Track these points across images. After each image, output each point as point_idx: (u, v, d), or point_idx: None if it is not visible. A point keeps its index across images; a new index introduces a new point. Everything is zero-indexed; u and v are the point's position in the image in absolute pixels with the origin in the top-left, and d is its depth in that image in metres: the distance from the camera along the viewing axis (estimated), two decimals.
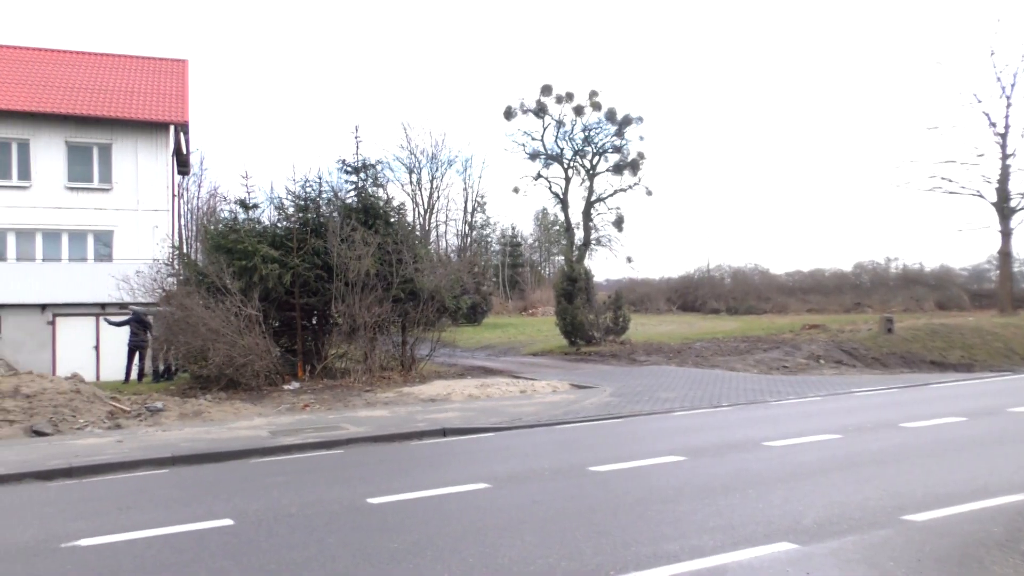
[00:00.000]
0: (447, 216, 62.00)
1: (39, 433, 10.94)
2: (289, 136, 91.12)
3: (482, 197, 62.24)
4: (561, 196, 51.22)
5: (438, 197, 59.87)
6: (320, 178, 18.37)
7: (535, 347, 27.01)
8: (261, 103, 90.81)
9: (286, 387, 15.60)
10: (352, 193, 18.44)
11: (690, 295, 50.25)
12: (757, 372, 17.85)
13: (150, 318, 18.75)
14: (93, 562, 5.24)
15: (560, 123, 49.33)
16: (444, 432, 10.58)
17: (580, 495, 6.69)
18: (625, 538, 5.29)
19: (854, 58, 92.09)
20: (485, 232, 65.46)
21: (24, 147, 24.91)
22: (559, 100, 48.56)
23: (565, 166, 50.59)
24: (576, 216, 51.38)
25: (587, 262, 45.94)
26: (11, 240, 24.78)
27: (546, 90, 48.50)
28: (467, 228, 62.08)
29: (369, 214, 17.78)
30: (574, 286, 25.20)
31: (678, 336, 27.77)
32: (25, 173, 24.87)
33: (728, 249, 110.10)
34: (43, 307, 22.91)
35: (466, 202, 61.42)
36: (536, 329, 34.06)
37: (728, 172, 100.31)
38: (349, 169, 18.36)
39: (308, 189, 17.84)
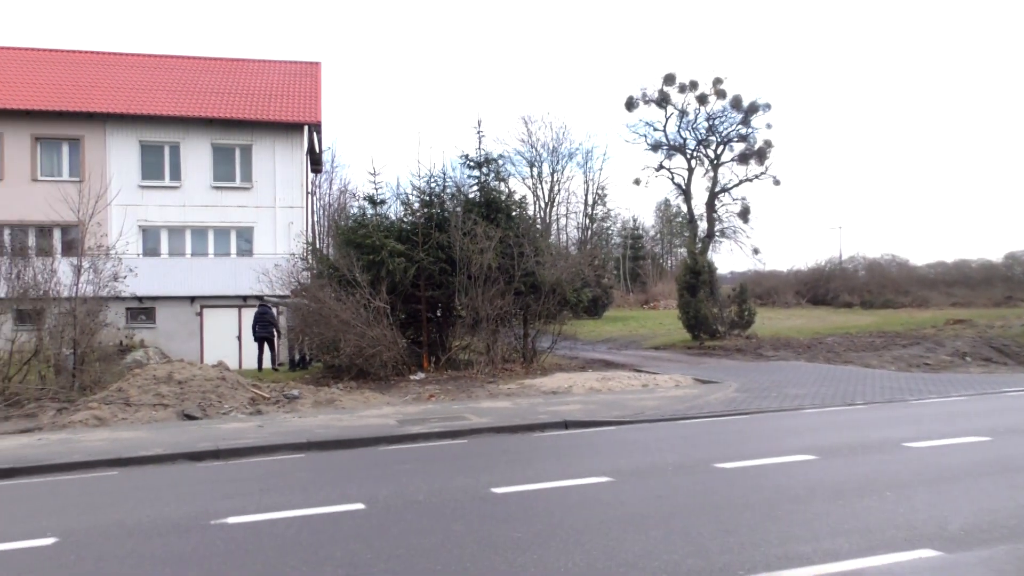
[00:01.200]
0: (567, 209, 62.01)
1: (189, 417, 11.75)
2: (414, 132, 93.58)
3: (603, 189, 61.81)
4: (684, 187, 50.21)
5: (558, 190, 59.98)
6: (444, 173, 18.83)
7: (657, 341, 26.64)
8: (387, 101, 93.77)
9: (412, 377, 16.07)
10: (475, 188, 18.78)
11: (821, 288, 48.10)
12: (895, 369, 16.92)
13: (275, 311, 19.95)
14: (240, 539, 5.59)
15: (683, 112, 48.31)
16: (566, 424, 10.62)
17: (705, 492, 6.57)
18: (753, 538, 5.15)
19: (1000, 28, 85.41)
20: (606, 225, 65.05)
21: (175, 150, 26.80)
22: (682, 89, 47.55)
23: (688, 156, 49.53)
24: (699, 207, 50.27)
25: (711, 254, 44.91)
26: (164, 237, 26.75)
27: (669, 79, 47.59)
28: (587, 221, 61.85)
29: (491, 208, 18.04)
30: (697, 279, 24.68)
31: (808, 331, 26.68)
32: (176, 174, 26.77)
33: (862, 239, 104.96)
34: (192, 299, 24.57)
35: (586, 195, 61.21)
36: (658, 323, 33.58)
37: (862, 158, 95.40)
38: (472, 164, 18.69)
39: (432, 184, 18.32)
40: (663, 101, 48.16)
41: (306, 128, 28.09)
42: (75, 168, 26.00)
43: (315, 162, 35.69)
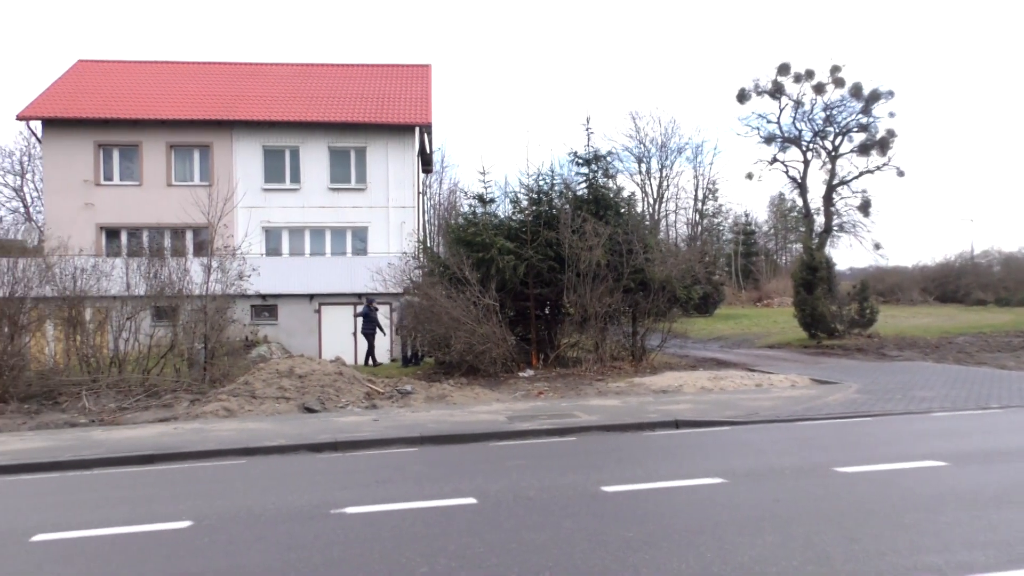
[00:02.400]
0: (677, 205, 60.96)
1: (309, 410, 12.26)
2: (523, 131, 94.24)
3: (713, 184, 60.44)
4: (799, 180, 48.34)
5: (667, 186, 59.04)
6: (552, 171, 18.87)
7: (771, 339, 25.83)
8: (496, 100, 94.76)
9: (521, 374, 16.20)
10: (583, 185, 18.75)
11: (949, 284, 45.35)
12: None
13: (375, 309, 20.72)
14: (358, 529, 5.79)
15: (798, 103, 46.49)
16: (677, 424, 10.46)
17: (825, 496, 6.33)
18: (879, 546, 4.93)
19: None
20: (716, 220, 63.51)
21: (295, 154, 28.02)
22: (797, 79, 45.76)
23: (804, 148, 47.64)
24: (816, 201, 48.27)
25: (828, 250, 42.98)
26: (285, 237, 28.01)
27: (783, 69, 45.92)
28: (697, 217, 60.62)
29: (600, 205, 17.97)
30: (814, 275, 23.76)
31: (936, 329, 25.23)
32: (296, 177, 27.98)
33: (996, 232, 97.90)
34: (311, 297, 25.57)
35: (696, 190, 59.99)
36: (771, 320, 32.55)
37: (994, 145, 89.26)
38: (580, 161, 18.67)
39: (541, 182, 18.41)
40: (777, 92, 46.50)
41: (417, 129, 28.78)
42: (205, 173, 27.57)
43: (426, 162, 36.50)
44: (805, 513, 5.81)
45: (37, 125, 27.72)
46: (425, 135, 31.34)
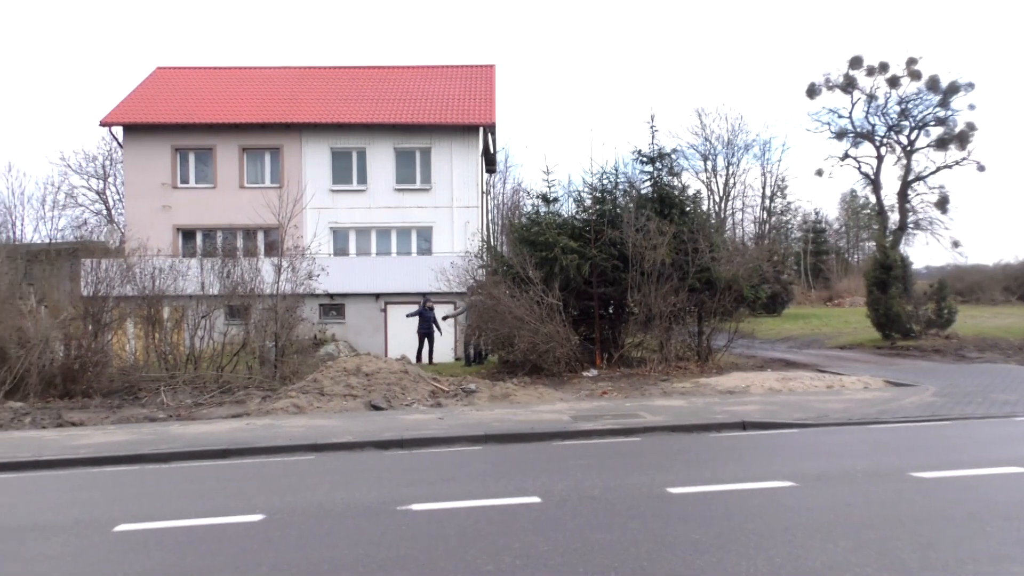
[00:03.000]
0: (743, 203, 59.80)
1: (375, 407, 12.47)
2: (586, 129, 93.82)
3: (782, 181, 59.04)
4: (872, 176, 46.92)
5: (734, 184, 57.99)
6: (616, 170, 18.81)
7: (842, 340, 25.14)
8: (560, 99, 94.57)
9: (585, 374, 16.15)
10: (647, 183, 18.59)
11: None
12: None
13: (432, 307, 20.95)
14: (423, 526, 5.87)
15: (871, 97, 45.12)
16: (744, 425, 10.28)
17: (900, 501, 6.14)
18: (958, 554, 4.76)
19: None
20: (785, 218, 62.04)
21: (362, 155, 28.54)
22: (870, 72, 44.41)
23: (877, 144, 46.23)
24: (890, 198, 46.78)
25: (903, 248, 41.66)
26: (352, 237, 28.56)
27: (855, 62, 44.63)
28: (765, 215, 59.35)
29: (664, 204, 17.78)
30: (888, 274, 23.04)
31: (1018, 330, 24.16)
32: (363, 178, 28.50)
33: None
34: (377, 296, 26.02)
35: (764, 187, 58.72)
36: (843, 321, 31.65)
37: None
38: (645, 159, 18.51)
39: (605, 181, 18.33)
40: (849, 86, 45.22)
41: (481, 130, 28.97)
42: (275, 175, 28.29)
43: (489, 162, 36.71)
44: (879, 518, 5.65)
45: (119, 131, 28.91)
46: (489, 135, 31.52)
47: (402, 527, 5.83)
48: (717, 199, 56.51)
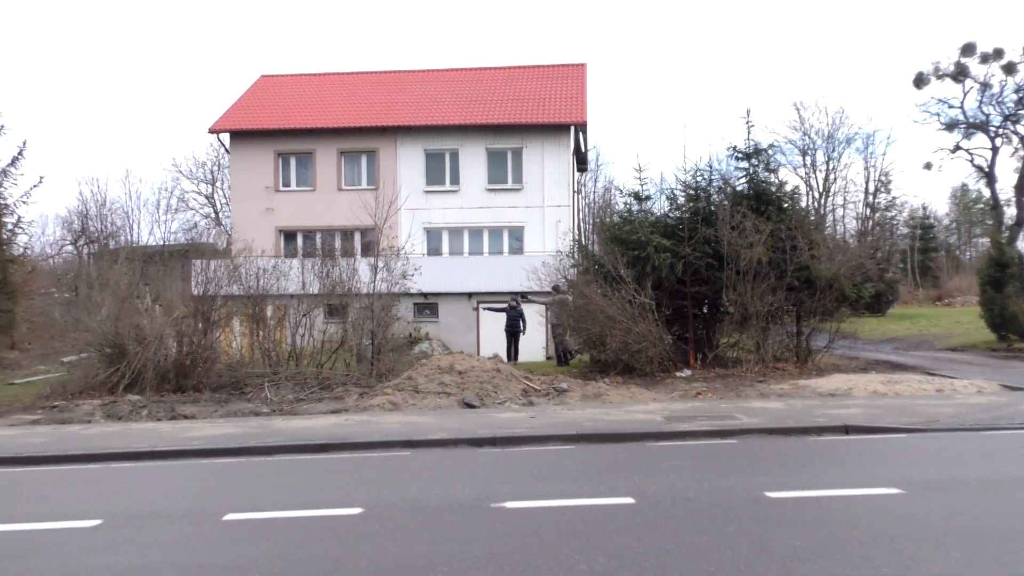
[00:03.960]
0: (845, 199, 57.58)
1: (469, 405, 12.63)
2: (680, 126, 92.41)
3: (886, 176, 56.47)
4: (986, 169, 44.29)
5: (834, 179, 55.91)
6: (710, 166, 18.44)
7: (952, 341, 23.89)
8: (652, 96, 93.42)
9: (678, 374, 15.92)
10: (743, 180, 18.16)
11: None
12: None
13: (521, 306, 20.99)
14: (517, 523, 5.91)
15: (985, 85, 42.55)
16: (846, 429, 9.91)
17: (1018, 512, 5.80)
18: None
19: None
20: (890, 214, 59.33)
21: (455, 156, 28.98)
22: (984, 59, 41.90)
23: (991, 135, 43.61)
24: (1006, 191, 44.05)
25: (1021, 244, 39.20)
26: (445, 237, 29.03)
27: (967, 49, 42.22)
28: (868, 210, 56.97)
29: (760, 200, 17.33)
30: (1004, 272, 21.76)
31: None
32: (455, 179, 28.93)
33: None
34: (469, 295, 26.35)
35: (867, 182, 56.35)
36: (953, 321, 30.09)
37: None
38: (740, 155, 18.09)
39: (699, 178, 18.00)
40: (960, 75, 42.79)
41: (572, 128, 28.93)
42: (371, 177, 29.02)
43: (581, 161, 36.60)
44: (994, 529, 5.35)
45: (225, 137, 30.29)
46: (580, 134, 31.45)
47: (496, 524, 5.89)
48: (816, 195, 54.63)
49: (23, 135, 76.24)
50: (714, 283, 16.81)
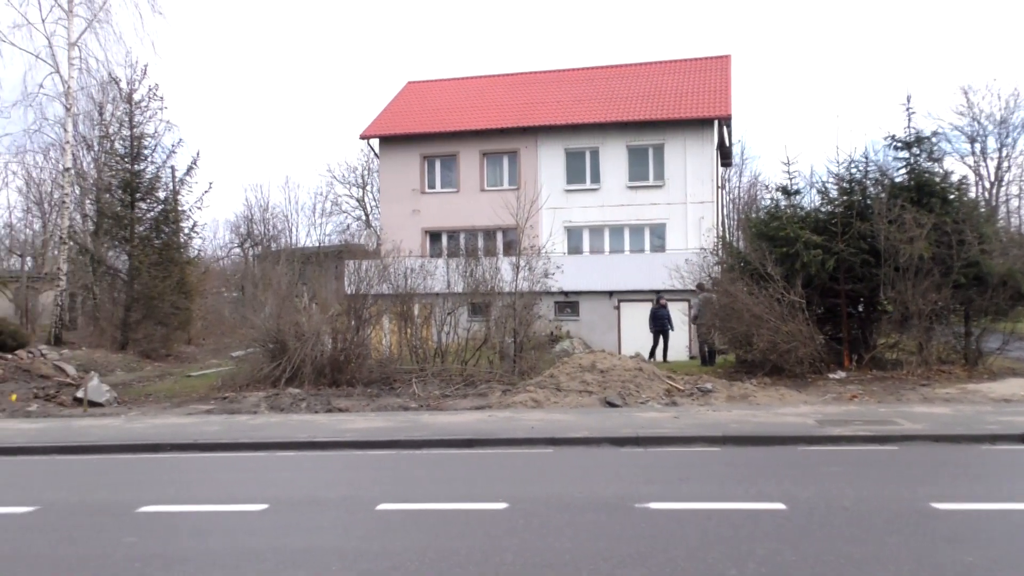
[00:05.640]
0: (1021, 188, 52.80)
1: (610, 404, 12.57)
2: (831, 116, 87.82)
3: None
4: None
5: (1008, 167, 51.31)
6: (866, 157, 17.37)
7: None
8: (801, 85, 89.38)
9: (831, 376, 15.16)
10: (902, 171, 17.04)
11: None
12: None
13: (665, 304, 20.55)
14: (662, 524, 5.85)
15: None
16: None
17: None
18: None
19: None
20: None
21: (595, 154, 28.92)
22: None
23: None
24: None
25: None
26: (585, 236, 29.03)
27: None
28: None
29: (922, 192, 16.20)
30: None
31: None
32: (596, 177, 28.87)
33: None
34: (610, 293, 26.23)
35: None
36: None
37: None
38: (899, 145, 16.97)
39: (853, 170, 17.05)
40: None
41: (716, 123, 28.17)
42: (513, 177, 29.46)
43: (725, 156, 35.58)
44: None
45: (375, 143, 31.63)
46: (724, 128, 30.58)
47: (641, 524, 5.85)
48: (987, 185, 50.43)
49: (196, 146, 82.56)
50: (870, 280, 15.89)
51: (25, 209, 43.83)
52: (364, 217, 52.14)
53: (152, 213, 25.74)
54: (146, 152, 25.40)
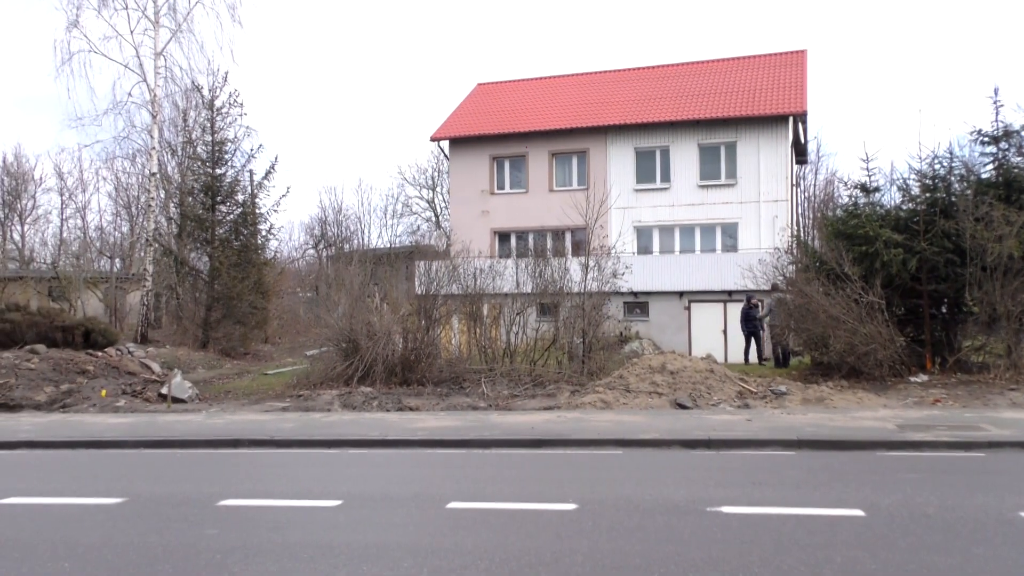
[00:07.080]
0: None
1: (681, 406, 12.42)
2: (913, 110, 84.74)
3: None
4: None
5: None
6: (950, 152, 16.70)
7: None
8: (881, 80, 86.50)
9: (912, 379, 14.63)
10: (989, 166, 16.34)
11: None
12: None
13: (759, 306, 20.07)
14: (735, 529, 5.75)
15: None
16: None
17: None
18: None
19: None
20: None
21: (665, 153, 28.57)
22: None
23: None
24: None
25: None
26: (655, 236, 28.70)
27: None
28: None
29: (1012, 188, 15.49)
30: None
31: None
32: (666, 176, 28.52)
33: None
34: (680, 294, 25.87)
35: None
36: None
37: None
38: (986, 139, 16.26)
39: (936, 166, 16.41)
40: None
41: (791, 119, 27.47)
42: (582, 177, 29.35)
43: (800, 153, 34.69)
44: None
45: (445, 144, 31.95)
46: (799, 124, 29.81)
47: (713, 528, 5.76)
48: None
49: (274, 151, 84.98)
50: (955, 281, 15.27)
51: (114, 213, 46.03)
52: (434, 218, 52.71)
53: (232, 216, 26.58)
54: (226, 157, 26.26)
